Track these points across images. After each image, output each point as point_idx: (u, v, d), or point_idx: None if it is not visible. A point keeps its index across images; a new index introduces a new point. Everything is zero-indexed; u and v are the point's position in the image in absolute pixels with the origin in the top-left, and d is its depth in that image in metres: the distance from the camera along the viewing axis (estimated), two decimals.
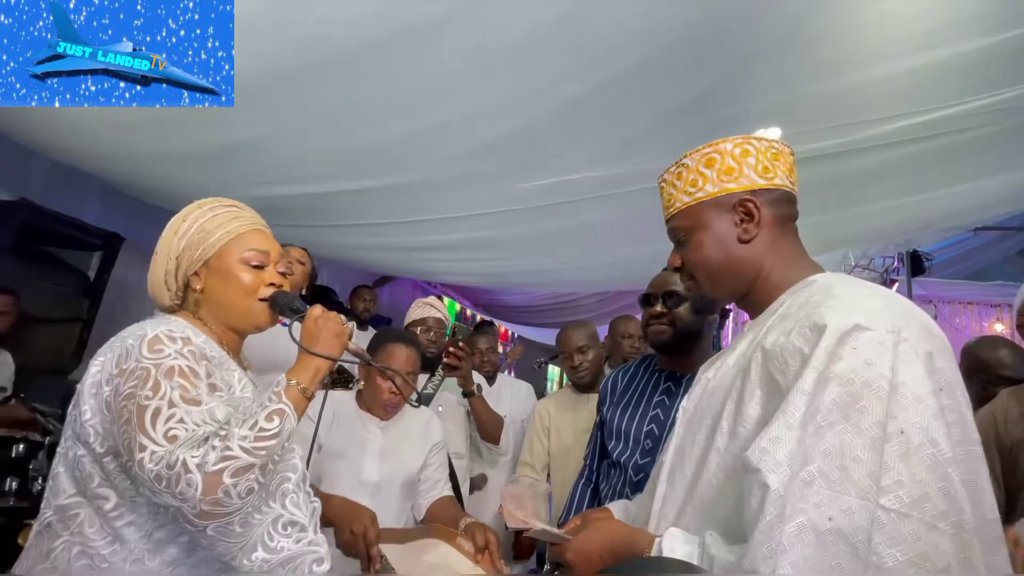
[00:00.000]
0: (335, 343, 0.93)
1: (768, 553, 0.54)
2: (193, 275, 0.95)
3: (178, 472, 0.72)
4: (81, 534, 0.81)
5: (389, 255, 4.03)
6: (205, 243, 0.94)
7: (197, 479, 0.72)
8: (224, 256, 0.95)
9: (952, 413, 0.58)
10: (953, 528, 0.52)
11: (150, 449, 0.74)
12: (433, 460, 1.54)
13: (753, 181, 0.77)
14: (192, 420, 0.77)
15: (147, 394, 0.77)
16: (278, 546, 0.82)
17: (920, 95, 1.99)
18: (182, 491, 0.72)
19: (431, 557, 1.19)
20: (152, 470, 0.73)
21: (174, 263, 0.95)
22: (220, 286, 0.94)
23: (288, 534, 0.83)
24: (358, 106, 2.02)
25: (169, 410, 0.77)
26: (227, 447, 0.75)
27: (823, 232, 3.57)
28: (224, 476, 0.73)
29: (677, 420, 0.83)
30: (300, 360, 0.91)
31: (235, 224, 0.97)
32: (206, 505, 0.73)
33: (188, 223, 0.96)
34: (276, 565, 0.81)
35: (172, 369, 0.80)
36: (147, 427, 0.75)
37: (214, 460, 0.73)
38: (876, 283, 4.50)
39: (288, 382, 0.86)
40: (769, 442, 0.59)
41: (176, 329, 0.87)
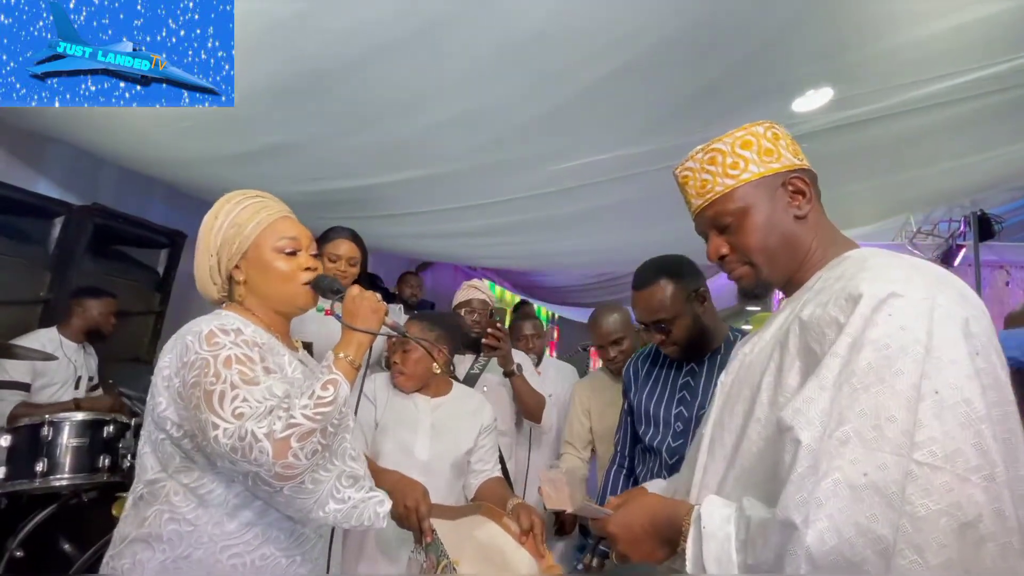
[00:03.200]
0: (373, 318, 1.01)
1: (801, 502, 0.56)
2: (234, 268, 1.01)
3: (249, 442, 0.81)
4: (169, 503, 0.91)
5: (429, 242, 4.13)
6: (240, 237, 1.00)
7: (267, 446, 0.81)
8: (259, 247, 1.01)
9: (987, 376, 0.58)
10: (985, 481, 0.53)
11: (222, 427, 0.82)
12: (484, 443, 1.59)
13: (791, 161, 0.78)
14: (254, 398, 0.86)
15: (211, 380, 0.86)
16: (345, 496, 0.93)
17: (975, 50, 1.85)
18: (256, 458, 0.81)
19: (479, 533, 1.24)
20: (227, 444, 0.81)
21: (215, 259, 1.01)
22: (260, 277, 1.01)
23: (351, 485, 0.94)
24: (392, 101, 2.07)
25: (232, 392, 0.85)
26: (291, 416, 0.84)
27: (879, 198, 3.39)
28: (291, 441, 0.82)
29: (716, 394, 0.85)
30: (344, 336, 1.00)
31: (264, 214, 1.02)
32: (279, 468, 0.82)
33: (220, 219, 1.01)
34: (347, 511, 0.93)
35: (229, 358, 0.88)
36: (216, 408, 0.84)
37: (280, 428, 0.82)
38: (942, 249, 4.20)
39: (336, 355, 0.95)
40: (802, 402, 0.61)
41: (227, 323, 0.94)
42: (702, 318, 1.31)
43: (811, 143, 2.32)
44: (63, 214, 2.93)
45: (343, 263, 1.94)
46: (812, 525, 0.55)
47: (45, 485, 1.91)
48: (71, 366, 2.60)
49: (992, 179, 3.16)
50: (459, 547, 1.17)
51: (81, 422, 2.00)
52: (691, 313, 1.29)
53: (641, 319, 1.35)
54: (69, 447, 1.93)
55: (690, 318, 1.29)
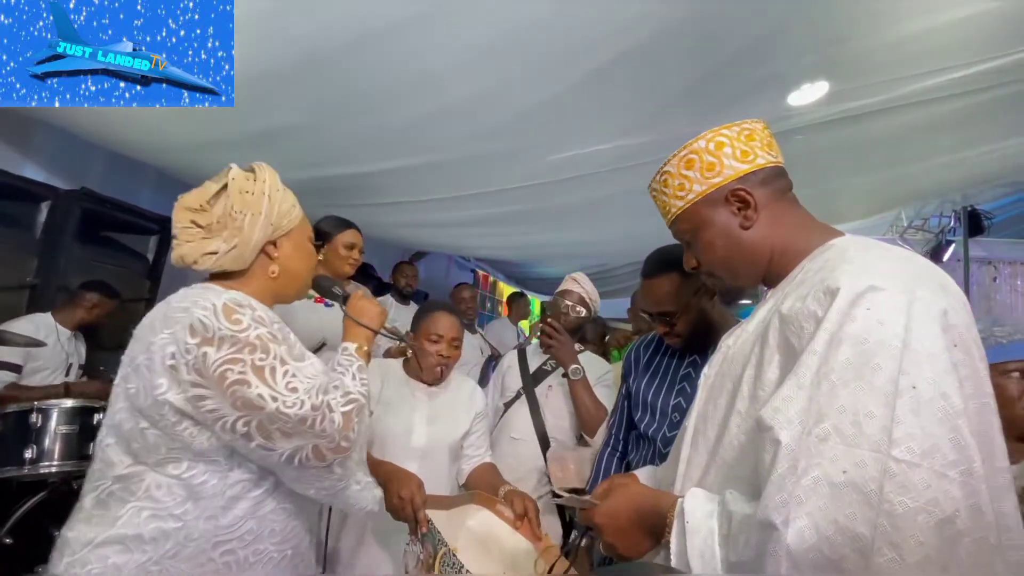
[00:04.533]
0: (378, 319, 1.10)
1: (781, 502, 0.56)
2: (272, 243, 0.99)
3: (323, 412, 0.84)
4: (150, 498, 0.84)
5: (423, 231, 4.11)
6: (290, 215, 1.00)
7: (338, 417, 0.85)
8: (302, 231, 1.03)
9: (965, 368, 0.58)
10: (962, 476, 0.53)
11: (281, 399, 0.83)
12: (477, 428, 1.60)
13: (736, 169, 0.78)
14: (304, 374, 0.87)
15: (259, 357, 0.84)
16: (360, 480, 0.98)
17: (970, 46, 1.86)
18: (325, 428, 0.84)
19: (473, 522, 1.25)
20: (296, 414, 0.82)
21: (271, 229, 0.97)
22: (296, 259, 1.02)
23: (362, 471, 1.00)
24: (387, 88, 2.05)
25: (283, 367, 0.85)
26: (348, 391, 0.89)
27: (872, 192, 3.41)
28: (353, 414, 0.88)
29: (699, 386, 0.85)
30: (351, 329, 1.06)
31: (296, 201, 1.04)
32: (344, 440, 0.86)
33: (273, 192, 0.98)
34: (358, 494, 0.97)
35: (270, 335, 0.87)
36: (269, 381, 0.83)
37: (343, 403, 0.87)
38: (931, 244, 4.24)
39: (359, 346, 1.02)
40: (781, 401, 0.61)
41: (237, 297, 0.89)
42: (709, 312, 1.29)
43: (805, 137, 2.34)
44: (49, 198, 2.89)
45: (356, 251, 2.00)
46: (792, 524, 0.55)
47: (34, 472, 1.90)
48: (63, 352, 2.59)
49: (984, 175, 3.19)
50: (454, 536, 1.17)
51: (70, 409, 1.99)
52: (697, 306, 1.27)
53: (646, 309, 1.34)
54: (58, 434, 1.93)
55: (696, 311, 1.27)
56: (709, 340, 1.30)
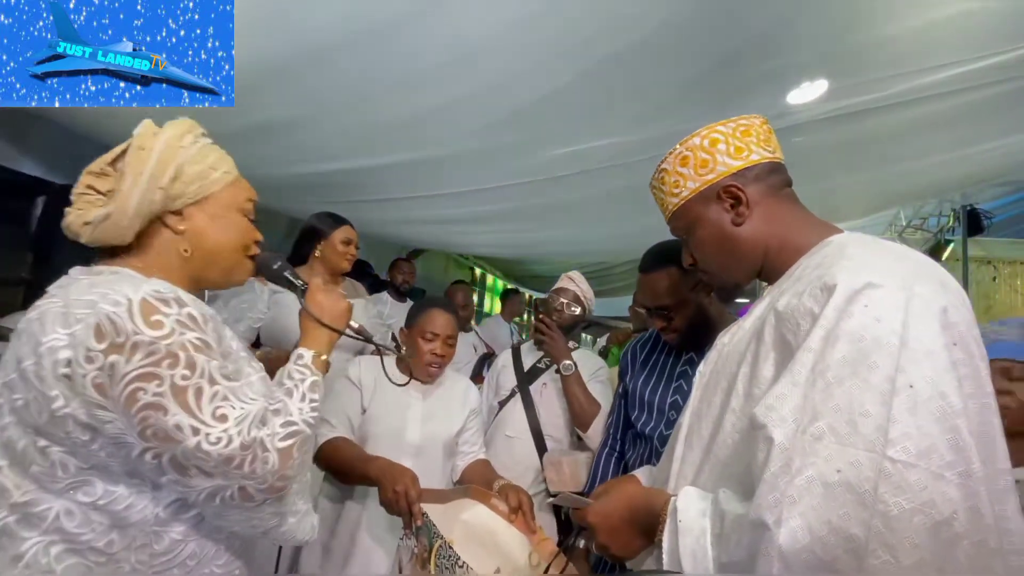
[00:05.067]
0: (343, 318, 0.93)
1: (774, 502, 0.55)
2: (173, 213, 0.80)
3: (254, 451, 0.69)
4: (60, 531, 0.69)
5: (420, 228, 4.10)
6: (205, 180, 0.82)
7: (273, 457, 0.70)
8: (224, 200, 0.84)
9: (965, 367, 0.57)
10: (960, 478, 0.52)
11: (204, 431, 0.68)
12: (471, 425, 1.60)
13: (729, 166, 0.78)
14: (237, 397, 0.72)
15: (183, 373, 0.68)
16: (298, 509, 0.82)
17: (968, 42, 1.84)
18: (256, 470, 0.69)
19: (467, 516, 1.24)
20: (220, 453, 0.67)
21: (160, 194, 0.78)
22: (214, 234, 0.83)
23: (302, 497, 0.84)
24: (385, 81, 2.03)
25: (211, 388, 0.70)
26: (290, 421, 0.73)
27: (871, 191, 3.40)
28: (294, 450, 0.72)
29: (694, 384, 0.84)
30: (311, 332, 0.89)
31: (230, 165, 0.86)
32: (278, 480, 0.71)
33: (188, 149, 0.81)
34: (294, 525, 0.81)
35: (195, 344, 0.71)
36: (192, 408, 0.68)
37: (280, 435, 0.71)
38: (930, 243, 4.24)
39: (316, 355, 0.84)
40: (775, 399, 0.60)
41: (161, 289, 0.73)
42: (706, 308, 1.28)
43: (803, 135, 2.33)
44: (45, 194, 2.87)
45: (352, 247, 1.93)
46: (785, 524, 0.54)
47: None
48: None
49: (984, 172, 3.18)
50: (449, 531, 1.17)
51: None
52: (695, 302, 1.27)
53: (643, 303, 1.34)
54: None
55: (693, 307, 1.27)
56: (706, 337, 1.29)
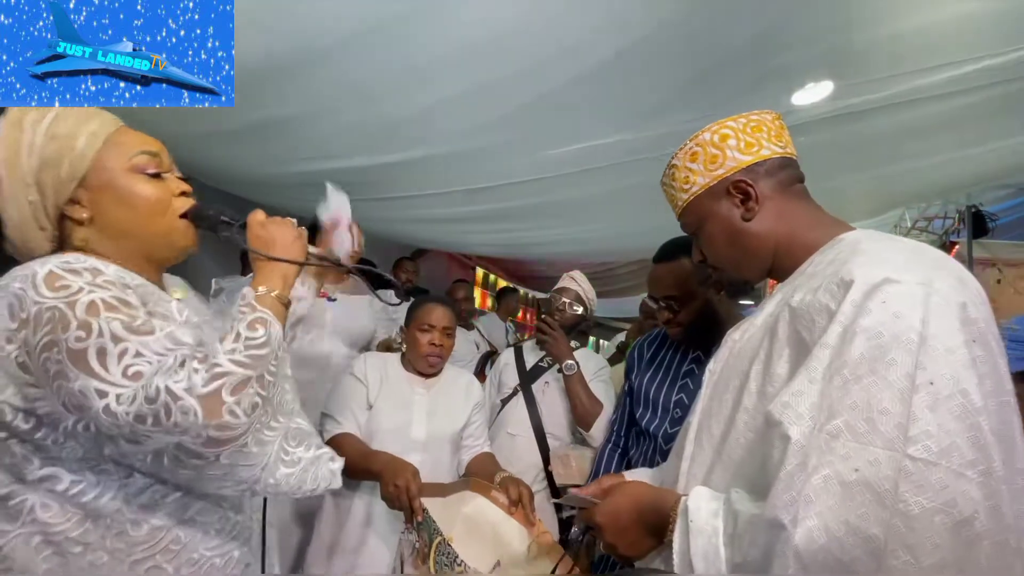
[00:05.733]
0: (296, 245, 0.81)
1: (790, 501, 0.54)
2: (69, 203, 0.74)
3: (164, 402, 0.62)
4: (36, 522, 0.68)
5: (421, 227, 4.09)
6: (70, 155, 0.73)
7: (191, 403, 0.62)
8: (104, 169, 0.75)
9: (985, 364, 0.56)
10: (981, 476, 0.51)
11: (112, 393, 0.62)
12: (475, 419, 1.61)
13: (739, 161, 0.78)
14: (152, 350, 0.65)
15: (76, 336, 0.63)
16: (295, 458, 0.76)
17: (973, 42, 1.84)
18: (177, 421, 0.62)
19: (468, 509, 1.25)
20: (127, 411, 0.62)
21: (35, 191, 0.72)
22: (116, 210, 0.75)
23: (300, 443, 0.77)
24: (387, 79, 2.03)
25: (117, 346, 0.64)
26: (215, 364, 0.65)
27: (876, 191, 3.39)
28: (223, 395, 0.64)
29: (704, 381, 0.83)
30: (261, 269, 0.79)
31: (96, 123, 0.77)
32: (213, 431, 0.63)
33: (29, 133, 0.73)
34: (299, 475, 0.76)
35: (94, 303, 0.65)
36: (97, 370, 0.63)
37: (203, 380, 0.63)
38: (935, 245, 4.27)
39: (257, 290, 0.74)
40: (791, 396, 0.59)
41: (75, 260, 0.69)
42: (714, 305, 1.29)
43: (808, 134, 2.32)
44: None
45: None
46: (801, 523, 0.53)
47: None
48: None
49: (989, 173, 3.17)
50: (449, 523, 1.17)
51: None
52: (703, 297, 1.28)
53: (653, 293, 1.35)
54: None
55: (701, 302, 1.27)
56: (712, 336, 1.30)
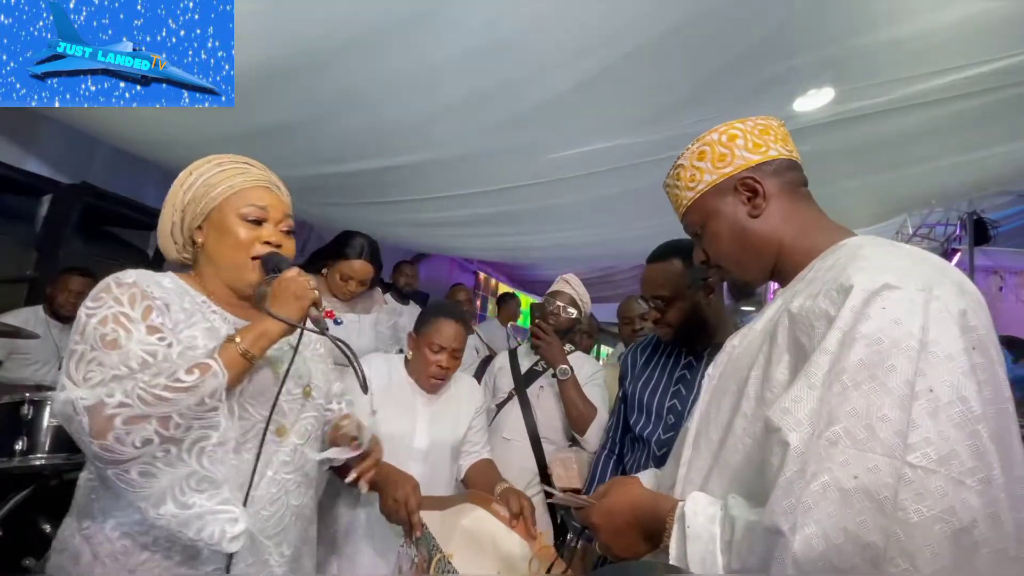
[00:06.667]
0: (294, 306, 0.86)
1: (788, 508, 0.54)
2: (196, 229, 0.96)
3: (70, 413, 0.74)
4: (89, 469, 0.88)
5: (424, 231, 4.10)
6: (207, 196, 0.94)
7: (85, 421, 0.73)
8: (223, 211, 0.94)
9: (984, 371, 0.56)
10: (981, 484, 0.51)
11: (67, 389, 0.77)
12: (476, 424, 1.59)
13: (747, 159, 0.78)
14: (108, 363, 0.78)
15: (76, 339, 0.81)
16: (189, 501, 0.78)
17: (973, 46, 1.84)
18: (76, 431, 0.75)
19: (467, 521, 1.23)
20: (58, 411, 0.77)
21: (179, 215, 0.95)
22: (216, 242, 0.94)
23: (201, 490, 0.79)
24: (388, 84, 2.03)
25: (92, 353, 0.79)
26: (126, 393, 0.74)
27: (878, 197, 3.39)
28: (116, 421, 0.73)
29: (703, 387, 0.83)
30: (256, 320, 0.87)
31: (239, 179, 0.96)
32: (96, 447, 0.74)
33: (194, 177, 0.96)
34: (186, 519, 0.78)
35: (105, 318, 0.81)
36: (71, 370, 0.78)
37: (113, 404, 0.73)
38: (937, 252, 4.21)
39: (231, 339, 0.83)
40: (791, 402, 0.59)
41: (130, 275, 0.87)
42: (703, 308, 1.29)
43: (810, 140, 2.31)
44: (51, 192, 2.89)
45: (353, 284, 1.80)
46: (799, 531, 0.52)
47: (24, 464, 1.87)
48: (54, 346, 2.57)
49: (990, 179, 3.16)
50: (449, 537, 1.16)
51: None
52: (692, 298, 1.28)
53: (643, 292, 1.36)
54: (50, 426, 1.90)
55: (689, 303, 1.28)
56: (700, 338, 1.32)
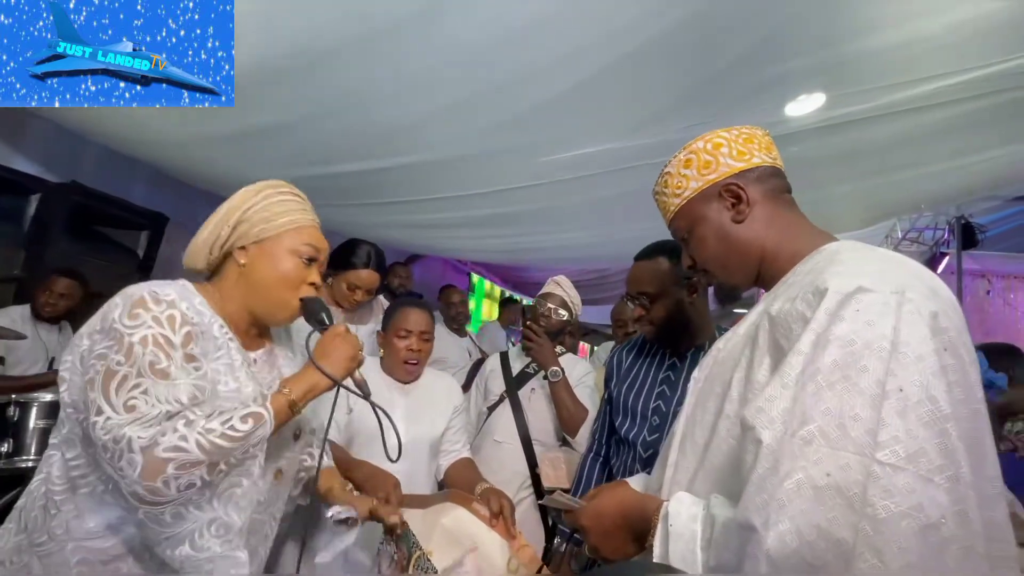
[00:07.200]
0: (344, 366, 0.92)
1: (761, 504, 0.55)
2: (239, 248, 0.94)
3: (122, 448, 0.71)
4: (49, 477, 0.81)
5: (418, 232, 4.09)
6: (268, 223, 0.93)
7: (139, 460, 0.71)
8: (281, 241, 0.94)
9: (955, 372, 0.57)
10: (949, 482, 0.52)
11: (106, 415, 0.73)
12: (455, 423, 1.60)
13: (731, 167, 0.80)
14: (155, 394, 0.76)
15: (119, 359, 0.76)
16: (205, 545, 0.79)
17: (961, 53, 1.87)
18: (122, 468, 0.72)
19: (447, 520, 1.24)
20: (102, 438, 0.73)
21: (228, 230, 0.93)
22: (264, 269, 0.92)
23: (217, 535, 0.80)
24: (383, 85, 2.04)
25: (136, 379, 0.75)
26: (183, 437, 0.73)
27: (866, 201, 3.42)
28: (169, 466, 0.72)
29: (689, 389, 0.84)
30: (305, 370, 0.90)
31: (301, 216, 0.97)
32: (141, 488, 0.72)
33: (257, 199, 0.94)
34: (198, 563, 0.78)
35: (146, 338, 0.78)
36: (110, 392, 0.74)
37: (166, 446, 0.72)
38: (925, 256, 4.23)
39: (281, 388, 0.85)
40: (765, 401, 0.60)
41: (165, 291, 0.83)
42: (686, 308, 1.30)
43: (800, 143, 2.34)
44: (39, 191, 2.86)
45: (359, 294, 1.79)
46: (773, 527, 0.53)
47: (10, 467, 1.86)
48: (42, 346, 2.55)
49: (977, 184, 3.20)
50: (429, 535, 1.17)
51: (49, 403, 1.96)
52: (675, 297, 1.29)
53: (628, 289, 1.37)
54: (36, 428, 1.89)
55: (673, 301, 1.29)
56: (683, 338, 1.33)
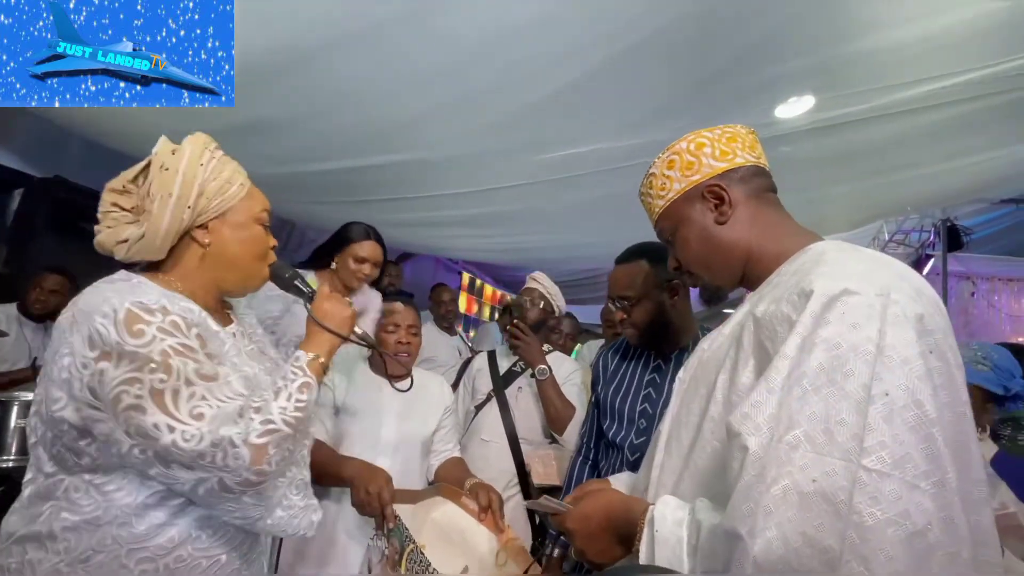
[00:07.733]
0: (348, 324, 0.98)
1: (748, 512, 0.54)
2: (199, 228, 0.88)
3: (224, 448, 0.74)
4: (68, 499, 0.80)
5: (410, 231, 4.07)
6: (225, 193, 0.88)
7: (244, 452, 0.75)
8: (242, 211, 0.90)
9: (941, 375, 0.57)
10: (935, 488, 0.51)
11: (180, 429, 0.74)
12: (445, 423, 1.60)
13: (713, 167, 0.80)
14: (215, 396, 0.78)
15: (160, 377, 0.75)
16: (291, 504, 0.86)
17: (949, 57, 1.88)
18: (228, 464, 0.75)
19: (437, 515, 1.26)
20: (193, 449, 0.73)
21: (189, 212, 0.85)
22: (232, 245, 0.89)
23: (298, 492, 0.88)
24: (377, 83, 2.02)
25: (188, 389, 0.76)
26: (268, 419, 0.78)
27: (856, 203, 3.45)
28: (269, 447, 0.77)
29: (674, 390, 0.84)
30: (314, 335, 0.94)
31: (244, 177, 0.92)
32: (252, 475, 0.76)
33: (208, 169, 0.87)
34: (288, 519, 0.85)
35: (167, 351, 0.77)
36: (170, 409, 0.74)
37: (258, 432, 0.76)
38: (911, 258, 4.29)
39: (311, 356, 0.89)
40: (750, 407, 0.60)
41: (148, 298, 0.80)
42: (668, 310, 1.30)
43: (790, 145, 2.35)
44: (22, 186, 2.81)
45: (367, 266, 1.78)
46: (760, 535, 0.53)
47: None
48: (25, 345, 2.50)
49: (964, 187, 3.24)
50: (419, 530, 1.18)
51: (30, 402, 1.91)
52: (657, 300, 1.29)
53: (609, 292, 1.37)
54: (17, 428, 1.85)
55: (655, 304, 1.29)
56: (665, 340, 1.33)
